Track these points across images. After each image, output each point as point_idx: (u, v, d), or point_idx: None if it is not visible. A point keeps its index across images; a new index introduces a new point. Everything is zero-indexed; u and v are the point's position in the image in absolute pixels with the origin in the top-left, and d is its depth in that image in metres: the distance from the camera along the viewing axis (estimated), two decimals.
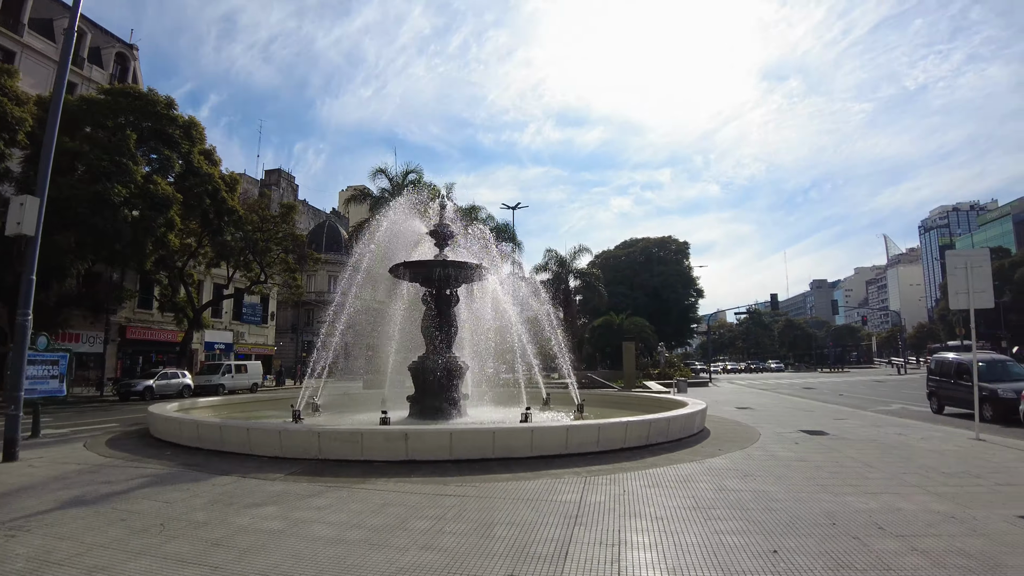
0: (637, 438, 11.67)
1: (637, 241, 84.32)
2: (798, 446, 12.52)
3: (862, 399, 29.51)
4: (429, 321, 17.52)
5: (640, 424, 11.82)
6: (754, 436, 14.03)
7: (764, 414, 20.17)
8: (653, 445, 11.86)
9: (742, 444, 12.69)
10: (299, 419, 15.83)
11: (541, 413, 18.22)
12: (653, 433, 11.99)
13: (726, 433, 14.49)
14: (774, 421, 17.68)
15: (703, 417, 14.78)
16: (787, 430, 15.30)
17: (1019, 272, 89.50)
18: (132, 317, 47.03)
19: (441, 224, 18.25)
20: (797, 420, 17.92)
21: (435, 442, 10.47)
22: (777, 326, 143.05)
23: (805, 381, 52.93)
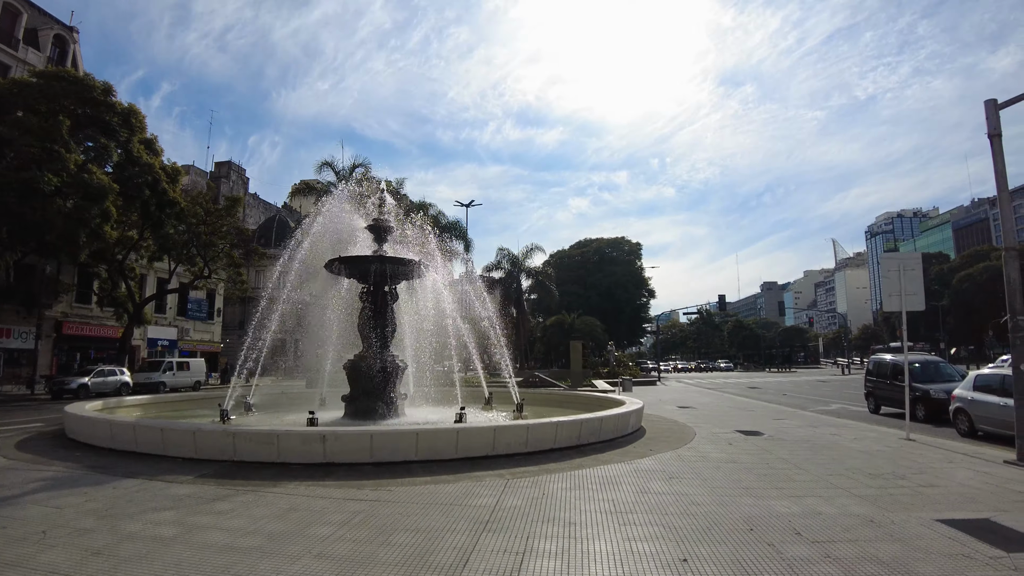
0: (568, 438, 11.42)
1: (591, 241, 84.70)
2: (731, 447, 12.42)
3: (804, 399, 29.86)
4: (365, 319, 17.04)
5: (571, 424, 11.57)
6: (689, 436, 13.91)
7: (704, 413, 20.17)
8: (584, 446, 11.62)
9: (675, 444, 12.55)
10: (227, 419, 15.28)
11: (481, 413, 17.90)
12: (584, 433, 11.75)
13: (661, 433, 14.35)
14: (713, 421, 17.64)
15: (639, 417, 14.62)
16: (723, 430, 15.24)
17: (957, 277, 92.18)
18: (69, 312, 45.18)
19: (380, 219, 17.79)
20: (736, 420, 17.90)
21: (355, 444, 10.05)
22: (727, 327, 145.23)
23: (752, 381, 53.59)
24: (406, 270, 16.90)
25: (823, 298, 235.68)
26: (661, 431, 14.75)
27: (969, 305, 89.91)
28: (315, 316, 21.81)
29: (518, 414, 15.99)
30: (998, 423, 13.93)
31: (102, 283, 43.60)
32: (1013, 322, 10.81)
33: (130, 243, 40.76)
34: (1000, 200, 11.32)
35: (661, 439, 13.27)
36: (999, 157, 11.30)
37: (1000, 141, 11.39)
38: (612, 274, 77.10)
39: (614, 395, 23.29)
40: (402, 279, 17.46)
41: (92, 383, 35.42)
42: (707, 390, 37.57)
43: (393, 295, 17.49)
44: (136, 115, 35.68)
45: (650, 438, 13.42)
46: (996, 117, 11.39)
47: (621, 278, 77.26)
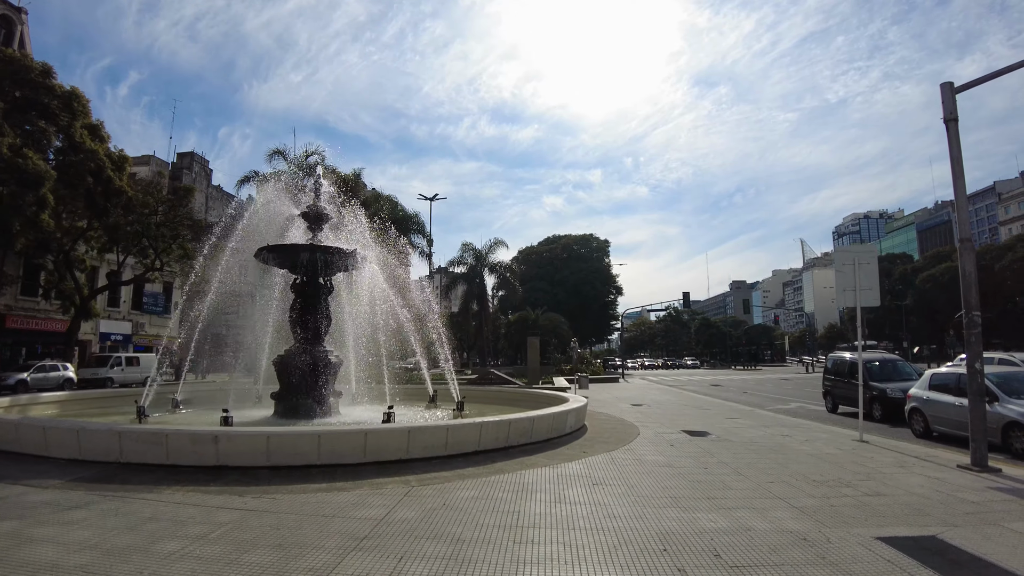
0: (493, 440, 10.53)
1: (560, 238, 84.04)
2: (672, 449, 11.64)
3: (764, 397, 29.33)
4: (296, 311, 16.05)
5: (497, 425, 10.68)
6: (631, 436, 13.12)
7: (656, 412, 19.44)
8: (512, 448, 10.75)
9: (613, 446, 11.74)
10: (144, 417, 14.26)
11: (424, 412, 17.05)
12: (513, 434, 10.87)
13: (603, 433, 13.54)
14: (662, 420, 16.91)
15: (578, 416, 13.75)
16: (670, 430, 14.48)
17: (920, 277, 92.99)
18: (13, 305, 43.31)
19: (315, 205, 16.78)
20: (686, 419, 17.19)
21: (249, 446, 9.05)
22: (694, 325, 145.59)
23: (716, 378, 53.21)
24: (341, 260, 15.88)
25: (791, 297, 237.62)
26: (603, 431, 13.94)
27: (932, 305, 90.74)
28: (252, 309, 20.80)
29: (458, 412, 15.17)
30: (953, 424, 13.33)
31: (48, 275, 41.88)
32: (968, 317, 10.15)
33: (77, 233, 39.16)
34: (955, 189, 10.64)
35: (600, 440, 12.46)
36: (955, 143, 10.62)
37: (956, 127, 10.71)
38: (580, 271, 76.50)
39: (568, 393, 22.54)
40: (337, 270, 16.46)
41: (32, 379, 33.92)
42: (668, 387, 36.96)
43: (328, 287, 16.48)
44: (78, 99, 34.10)
45: (589, 439, 12.60)
46: (952, 101, 10.72)
47: (589, 275, 76.69)
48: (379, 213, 30.88)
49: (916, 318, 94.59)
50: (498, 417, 11.02)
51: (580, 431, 13.41)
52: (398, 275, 18.63)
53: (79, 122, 33.83)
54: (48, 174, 30.33)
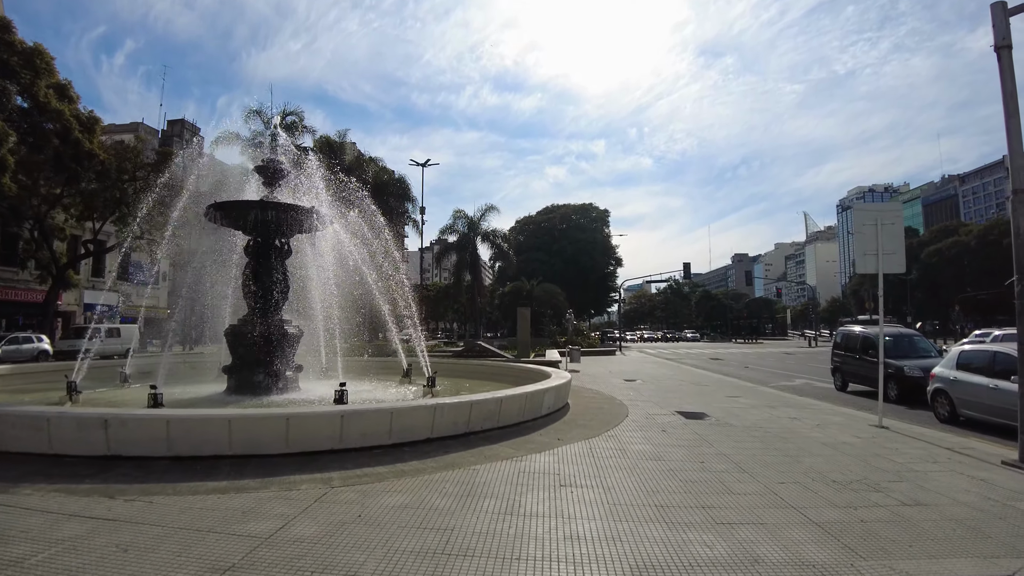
0: (451, 425, 8.89)
1: (558, 207, 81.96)
2: (664, 435, 10.03)
3: (767, 372, 27.79)
4: (249, 277, 14.41)
5: (455, 408, 9.04)
6: (618, 418, 11.51)
7: (650, 388, 17.86)
8: (473, 434, 9.11)
9: (595, 431, 10.12)
10: (75, 393, 12.69)
11: (393, 388, 15.50)
12: (476, 418, 9.23)
13: (586, 414, 11.92)
14: (655, 398, 15.32)
15: (558, 395, 12.05)
16: (663, 411, 12.87)
17: (926, 252, 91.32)
18: None
19: (270, 159, 15.06)
20: (682, 397, 15.63)
21: (147, 433, 7.42)
22: (695, 297, 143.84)
23: (715, 351, 51.71)
24: (299, 220, 14.12)
25: (793, 271, 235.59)
26: (588, 411, 12.32)
27: (936, 280, 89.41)
28: (210, 275, 19.22)
29: (428, 389, 13.61)
30: (986, 409, 11.71)
31: (25, 244, 40.25)
32: (1021, 285, 8.44)
33: (53, 199, 37.44)
34: (1008, 130, 8.86)
35: (580, 423, 10.83)
36: (1008, 74, 8.86)
37: (1010, 55, 8.95)
38: (578, 241, 74.45)
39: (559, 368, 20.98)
40: (296, 231, 14.75)
41: (3, 351, 32.47)
42: (666, 361, 35.43)
43: (284, 250, 14.81)
44: (41, 55, 32.11)
45: (568, 421, 10.98)
46: (1005, 24, 8.93)
47: (587, 245, 74.64)
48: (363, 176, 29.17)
49: (920, 293, 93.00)
50: (457, 398, 9.37)
51: (560, 412, 11.81)
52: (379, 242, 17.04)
53: (43, 81, 31.94)
54: (6, 134, 28.47)
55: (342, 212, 16.04)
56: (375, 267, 15.79)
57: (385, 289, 15.54)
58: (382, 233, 16.52)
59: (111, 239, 44.53)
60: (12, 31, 30.80)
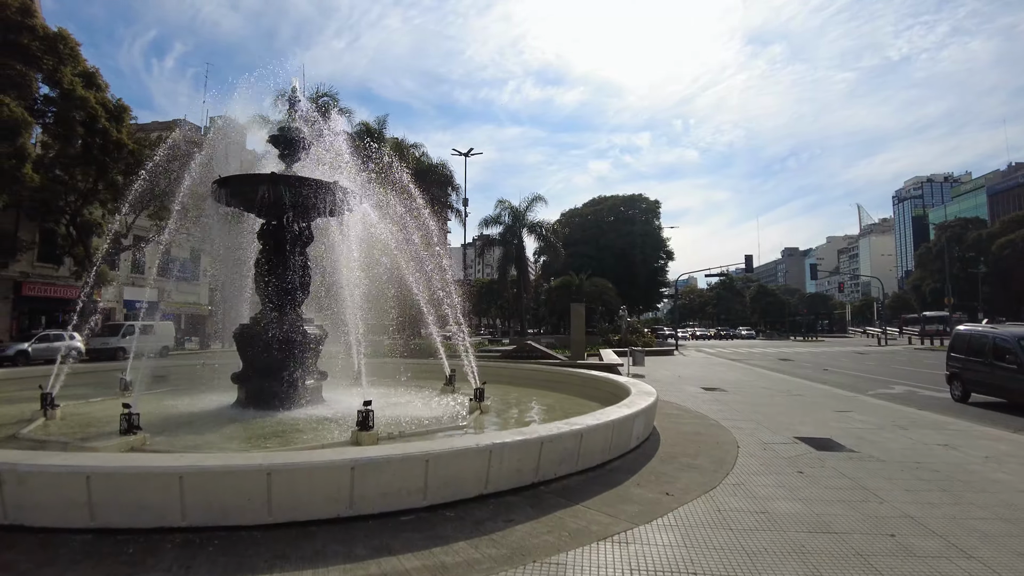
0: (512, 475, 6.23)
1: (605, 199, 78.55)
2: (806, 480, 7.24)
3: (853, 376, 24.57)
4: (263, 267, 12.00)
5: (518, 449, 6.29)
6: (728, 451, 8.72)
7: (739, 400, 14.99)
8: (545, 484, 6.43)
9: (709, 474, 7.36)
10: (51, 408, 10.50)
11: (435, 399, 13.01)
12: (547, 462, 6.53)
13: (683, 443, 9.13)
14: (755, 415, 12.46)
15: (647, 420, 9.23)
16: (777, 436, 10.03)
17: (997, 244, 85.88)
18: (31, 272, 40.76)
19: (286, 127, 12.63)
20: (786, 413, 12.78)
21: (57, 494, 4.85)
22: (749, 292, 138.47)
23: (779, 351, 48.14)
24: (317, 198, 11.59)
25: (846, 265, 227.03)
26: (683, 439, 9.53)
27: (1008, 273, 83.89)
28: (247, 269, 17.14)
29: (477, 403, 11.04)
30: None
31: (62, 239, 39.00)
32: None
33: (86, 193, 35.99)
34: None
35: (684, 461, 8.05)
36: None
37: None
38: (628, 234, 70.91)
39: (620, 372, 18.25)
40: (317, 212, 12.26)
41: (33, 349, 31.15)
42: (732, 362, 32.30)
43: (304, 235, 12.38)
44: (66, 41, 30.37)
45: (666, 457, 8.21)
46: None
47: (637, 239, 71.02)
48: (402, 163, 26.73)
49: (989, 287, 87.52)
50: (520, 434, 6.54)
51: (650, 442, 9.05)
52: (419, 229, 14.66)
53: (68, 68, 30.19)
54: (27, 121, 26.74)
55: (374, 191, 13.61)
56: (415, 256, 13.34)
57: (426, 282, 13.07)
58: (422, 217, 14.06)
59: (150, 233, 43.12)
60: (34, 15, 29.13)
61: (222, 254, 14.71)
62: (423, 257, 13.44)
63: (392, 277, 13.67)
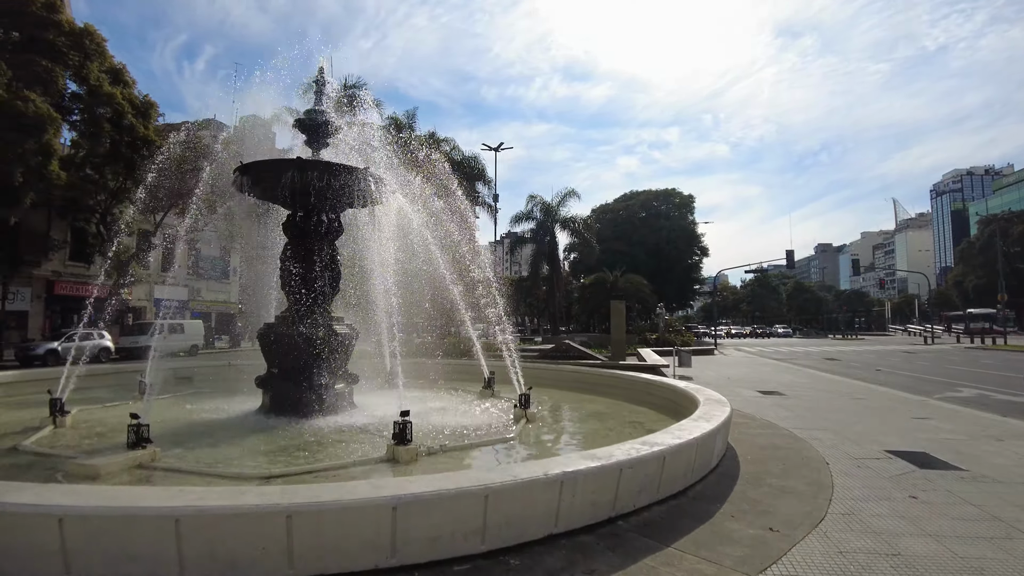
0: (587, 508, 5.09)
1: (637, 194, 76.96)
2: (922, 507, 6.05)
3: (909, 378, 23.05)
4: (288, 262, 11.07)
5: (594, 479, 5.10)
6: (819, 471, 7.52)
7: (803, 407, 13.74)
8: (623, 518, 5.28)
9: (809, 501, 6.17)
10: (60, 414, 9.68)
11: (474, 404, 12.02)
12: (627, 491, 5.39)
13: (764, 460, 7.94)
14: (828, 424, 11.24)
15: (726, 435, 7.95)
16: (865, 450, 8.79)
17: None
18: (62, 271, 40.75)
19: (314, 111, 11.67)
20: (861, 421, 11.55)
21: (21, 539, 3.80)
22: (786, 289, 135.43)
23: (822, 350, 46.35)
24: (347, 186, 10.58)
25: (881, 261, 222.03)
26: (763, 455, 8.34)
27: None
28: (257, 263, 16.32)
29: (523, 411, 9.99)
30: None
31: (92, 238, 38.83)
32: None
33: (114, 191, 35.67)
34: None
35: (772, 483, 6.89)
36: None
37: None
38: (661, 229, 69.28)
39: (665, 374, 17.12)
40: (346, 202, 11.26)
41: (63, 348, 30.80)
42: (777, 362, 30.87)
43: (333, 226, 11.42)
44: (92, 36, 29.89)
45: (751, 479, 7.04)
46: None
47: (671, 234, 69.35)
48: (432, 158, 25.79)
49: None
50: (595, 460, 5.23)
51: (728, 459, 7.88)
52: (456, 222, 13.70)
53: (95, 64, 29.71)
54: (52, 117, 26.23)
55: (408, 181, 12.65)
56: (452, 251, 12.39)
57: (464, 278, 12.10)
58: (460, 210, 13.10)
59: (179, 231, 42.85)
60: (59, 11, 28.62)
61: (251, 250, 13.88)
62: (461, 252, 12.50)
63: (426, 272, 12.71)
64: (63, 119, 29.34)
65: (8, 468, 6.95)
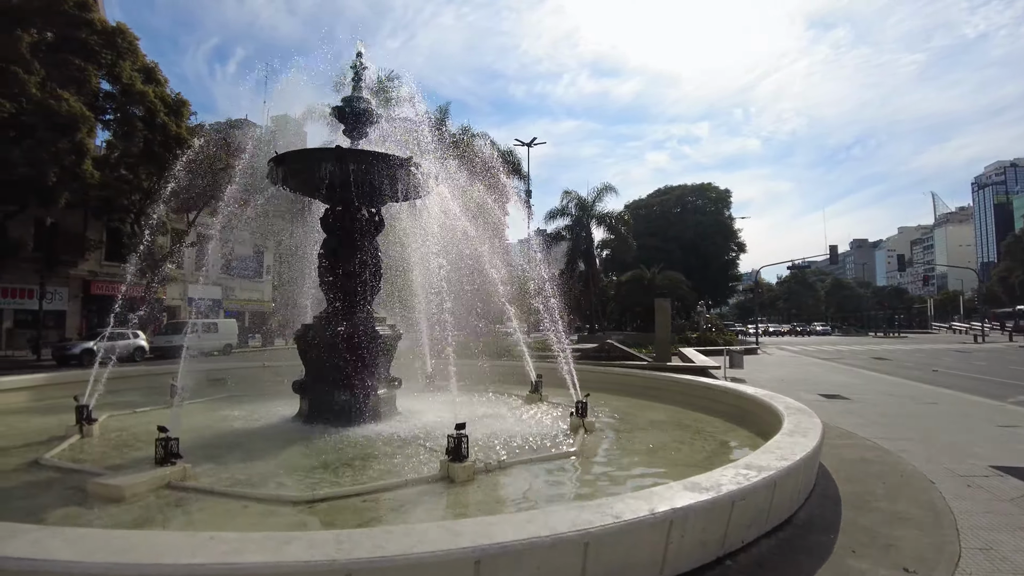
0: (695, 549, 4.23)
1: (672, 189, 75.51)
2: None
3: (971, 379, 21.81)
4: (327, 259, 10.43)
5: (704, 515, 4.20)
6: (926, 491, 6.61)
7: (873, 412, 12.81)
8: (730, 557, 4.40)
9: (931, 534, 5.26)
10: (87, 422, 9.10)
11: (523, 409, 11.30)
12: (736, 527, 4.56)
13: (861, 480, 7.01)
14: (911, 431, 10.34)
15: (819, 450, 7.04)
16: (966, 466, 7.85)
17: None
18: (98, 271, 41.06)
19: (352, 98, 10.99)
20: (944, 429, 10.67)
21: None
22: (823, 286, 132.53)
23: (867, 348, 44.90)
24: (391, 177, 9.87)
25: (920, 256, 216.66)
26: (854, 471, 7.40)
27: None
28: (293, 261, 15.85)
29: (579, 419, 9.20)
30: None
31: (127, 237, 38.94)
32: None
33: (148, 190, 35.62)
34: None
35: (882, 509, 5.97)
36: None
37: None
38: (697, 224, 67.72)
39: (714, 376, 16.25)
40: (388, 196, 10.54)
41: (98, 347, 30.60)
42: (824, 362, 29.76)
43: (373, 220, 10.75)
44: (124, 35, 29.82)
45: (854, 502, 6.09)
46: None
47: (707, 229, 67.71)
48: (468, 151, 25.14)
49: None
50: (704, 493, 4.29)
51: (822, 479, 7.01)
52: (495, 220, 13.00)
53: (127, 63, 29.57)
54: (85, 116, 26.04)
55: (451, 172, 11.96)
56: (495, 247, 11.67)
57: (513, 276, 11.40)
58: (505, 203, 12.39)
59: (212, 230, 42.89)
60: (92, 10, 28.50)
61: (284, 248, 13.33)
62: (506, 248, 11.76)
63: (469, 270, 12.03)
64: (96, 118, 29.25)
65: (26, 487, 6.36)
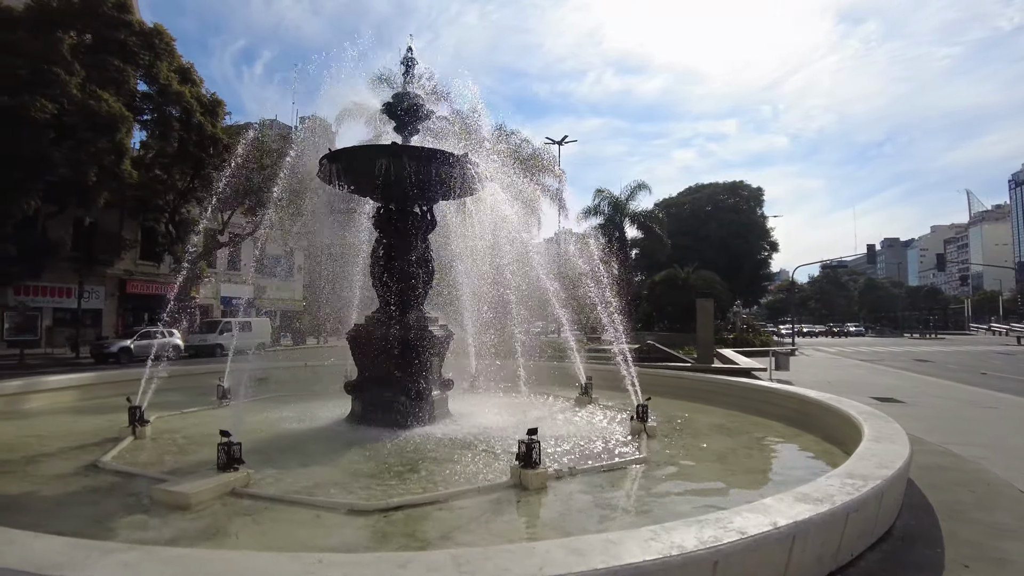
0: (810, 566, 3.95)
1: (703, 187, 74.45)
2: None
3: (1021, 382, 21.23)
4: (380, 259, 10.30)
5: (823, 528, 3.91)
6: (1019, 502, 6.30)
7: (932, 416, 12.47)
8: (841, 571, 4.13)
9: None
10: (140, 424, 9.03)
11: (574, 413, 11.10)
12: (850, 538, 4.31)
13: (945, 488, 6.60)
14: (978, 437, 10.02)
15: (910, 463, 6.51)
16: None
17: None
18: (133, 270, 41.59)
19: (404, 94, 10.82)
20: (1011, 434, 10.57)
21: None
22: (857, 286, 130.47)
23: (906, 350, 44.05)
24: (445, 175, 9.68)
25: (954, 256, 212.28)
26: (935, 479, 7.00)
27: None
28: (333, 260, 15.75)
29: (640, 424, 8.97)
30: None
31: (162, 237, 39.39)
32: None
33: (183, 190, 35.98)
34: None
35: (979, 520, 5.58)
36: None
37: None
38: (729, 223, 66.54)
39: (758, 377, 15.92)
40: (440, 192, 10.39)
41: (135, 346, 31.33)
42: (865, 363, 29.23)
43: (426, 218, 10.62)
44: (161, 36, 30.12)
45: (947, 512, 5.73)
46: None
47: (740, 228, 66.47)
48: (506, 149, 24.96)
49: None
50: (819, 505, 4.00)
51: None
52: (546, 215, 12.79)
53: (164, 62, 29.85)
54: (124, 117, 26.30)
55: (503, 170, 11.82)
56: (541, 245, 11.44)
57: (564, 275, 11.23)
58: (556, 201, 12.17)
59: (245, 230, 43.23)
60: (130, 11, 28.83)
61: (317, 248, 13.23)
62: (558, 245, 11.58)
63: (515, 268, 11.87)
64: (134, 118, 29.54)
65: (88, 492, 6.22)
